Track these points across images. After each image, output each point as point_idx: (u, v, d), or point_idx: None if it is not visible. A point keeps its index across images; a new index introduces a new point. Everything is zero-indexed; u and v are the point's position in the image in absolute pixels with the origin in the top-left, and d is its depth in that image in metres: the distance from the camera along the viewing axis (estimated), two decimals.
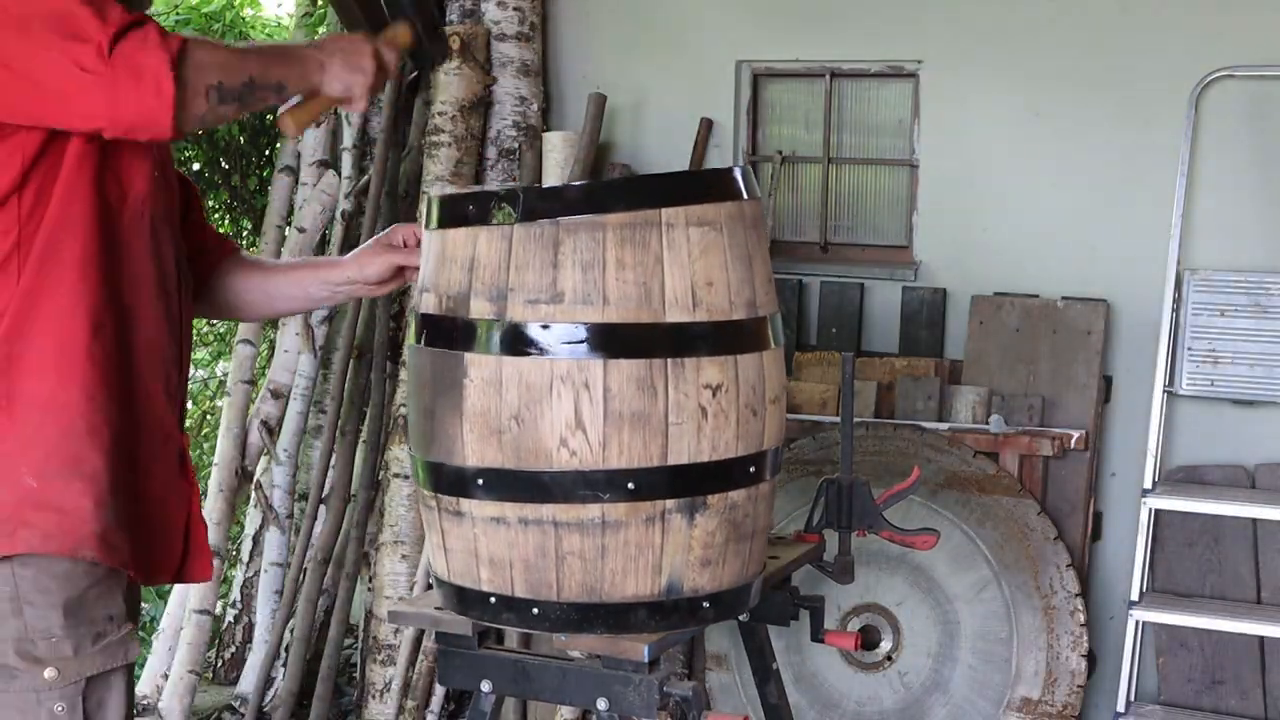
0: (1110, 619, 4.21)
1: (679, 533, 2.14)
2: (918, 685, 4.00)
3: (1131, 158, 4.12)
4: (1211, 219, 4.05)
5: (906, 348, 4.39)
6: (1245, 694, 3.97)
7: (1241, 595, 3.97)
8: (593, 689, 2.20)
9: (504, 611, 2.19)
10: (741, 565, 2.26)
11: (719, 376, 2.14)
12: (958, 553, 3.97)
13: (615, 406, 2.07)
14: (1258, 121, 3.98)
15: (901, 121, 4.48)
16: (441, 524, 2.24)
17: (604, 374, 2.07)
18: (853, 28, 4.45)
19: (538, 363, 2.08)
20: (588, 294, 2.07)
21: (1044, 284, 4.24)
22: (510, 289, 2.10)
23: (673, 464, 2.11)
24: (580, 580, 2.14)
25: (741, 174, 2.25)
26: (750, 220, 2.25)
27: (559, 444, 2.08)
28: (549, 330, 2.07)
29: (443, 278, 2.19)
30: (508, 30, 4.55)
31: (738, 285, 2.18)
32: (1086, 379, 4.11)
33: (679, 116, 4.62)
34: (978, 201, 4.32)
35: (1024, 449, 4.05)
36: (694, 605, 2.20)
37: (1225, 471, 4.02)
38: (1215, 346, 4.01)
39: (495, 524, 2.15)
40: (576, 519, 2.11)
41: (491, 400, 2.11)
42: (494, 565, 2.18)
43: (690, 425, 2.12)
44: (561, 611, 2.15)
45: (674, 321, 2.10)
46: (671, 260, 2.11)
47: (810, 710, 4.09)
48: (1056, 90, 4.19)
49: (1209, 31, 4.00)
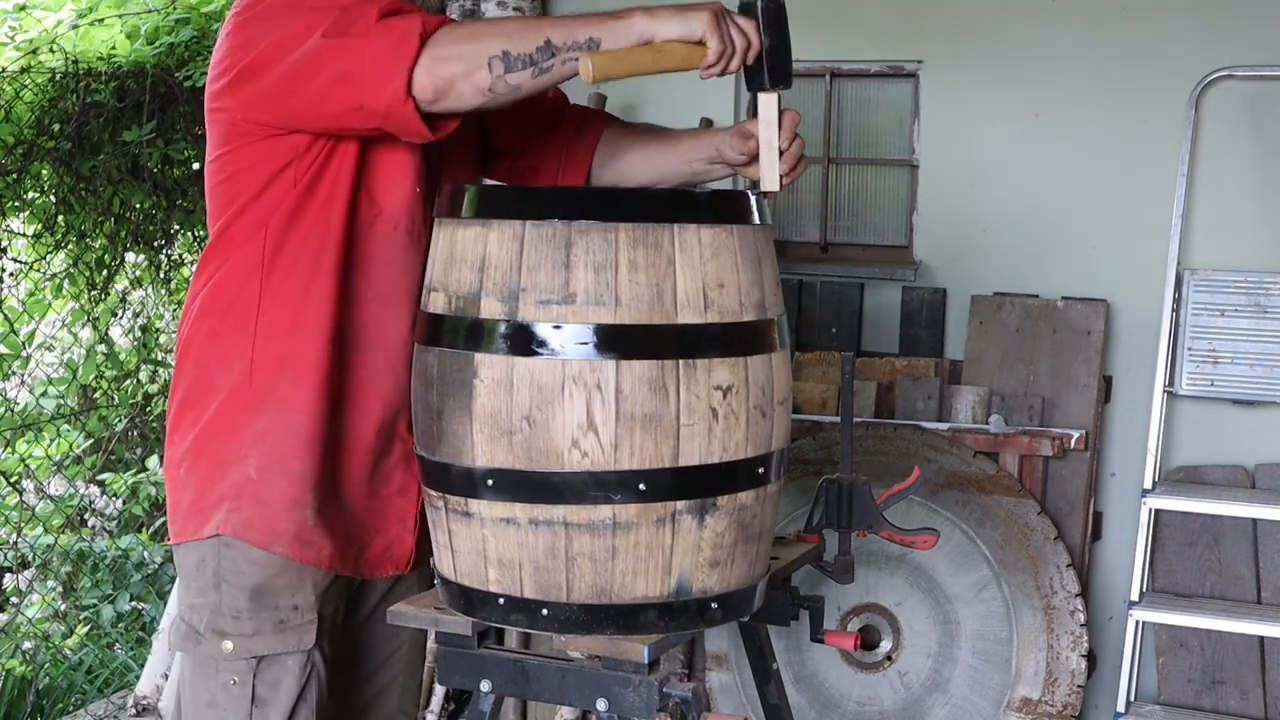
0: (1110, 619, 4.21)
1: (689, 534, 2.14)
2: (918, 685, 4.01)
3: (1131, 158, 4.13)
4: (1211, 219, 4.05)
5: (906, 348, 4.40)
6: (1245, 694, 3.97)
7: (1241, 595, 3.98)
8: (592, 689, 2.20)
9: (513, 612, 2.18)
10: (749, 566, 2.26)
11: (729, 378, 2.13)
12: (958, 553, 3.98)
13: (627, 408, 2.07)
14: (1258, 121, 3.99)
15: (901, 121, 4.49)
16: (449, 524, 2.24)
17: (616, 375, 2.07)
18: (853, 28, 4.45)
19: (549, 363, 2.08)
20: (600, 295, 2.07)
21: (1044, 284, 4.24)
22: (522, 289, 2.09)
23: (684, 465, 2.11)
24: (591, 581, 2.13)
25: (756, 200, 2.25)
26: None
27: (570, 445, 2.08)
28: (561, 331, 2.07)
29: (452, 277, 2.18)
30: None
31: (748, 287, 2.18)
32: (1086, 379, 4.12)
33: (679, 116, 4.60)
34: (978, 201, 4.32)
35: (1024, 449, 4.05)
36: (702, 606, 2.20)
37: (1225, 471, 4.02)
38: (1215, 346, 4.02)
39: (505, 525, 2.14)
40: (587, 520, 2.10)
41: (502, 401, 2.10)
42: (503, 566, 2.17)
43: (701, 426, 2.11)
44: (571, 613, 2.15)
45: (686, 323, 2.10)
46: (683, 262, 2.11)
47: (810, 710, 4.09)
48: (1056, 90, 4.20)
49: (1209, 31, 4.01)
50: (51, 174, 4.89)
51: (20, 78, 4.70)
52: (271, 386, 2.33)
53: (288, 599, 2.36)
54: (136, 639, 5.26)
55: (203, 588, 2.37)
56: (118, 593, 5.33)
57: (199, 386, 2.39)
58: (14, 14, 5.13)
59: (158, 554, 5.41)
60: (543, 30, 2.11)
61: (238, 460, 2.34)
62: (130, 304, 5.54)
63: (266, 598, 2.35)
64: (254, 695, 2.35)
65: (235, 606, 2.35)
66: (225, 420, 2.36)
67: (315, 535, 2.36)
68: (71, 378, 5.28)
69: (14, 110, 4.67)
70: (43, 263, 5.11)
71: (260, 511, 2.33)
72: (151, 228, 5.26)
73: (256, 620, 2.34)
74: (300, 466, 2.33)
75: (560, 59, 2.11)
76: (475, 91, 2.10)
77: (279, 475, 2.33)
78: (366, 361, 2.38)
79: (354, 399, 2.38)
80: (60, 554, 5.33)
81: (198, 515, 2.37)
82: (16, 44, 4.96)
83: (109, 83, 4.79)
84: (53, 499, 5.31)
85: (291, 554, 2.34)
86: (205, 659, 2.37)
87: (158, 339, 5.64)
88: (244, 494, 2.34)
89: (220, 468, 2.36)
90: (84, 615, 5.27)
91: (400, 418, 2.43)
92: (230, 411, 2.35)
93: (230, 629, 2.35)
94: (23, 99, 4.71)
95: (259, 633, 2.35)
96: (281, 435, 2.33)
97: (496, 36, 2.10)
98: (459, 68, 2.08)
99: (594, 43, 2.11)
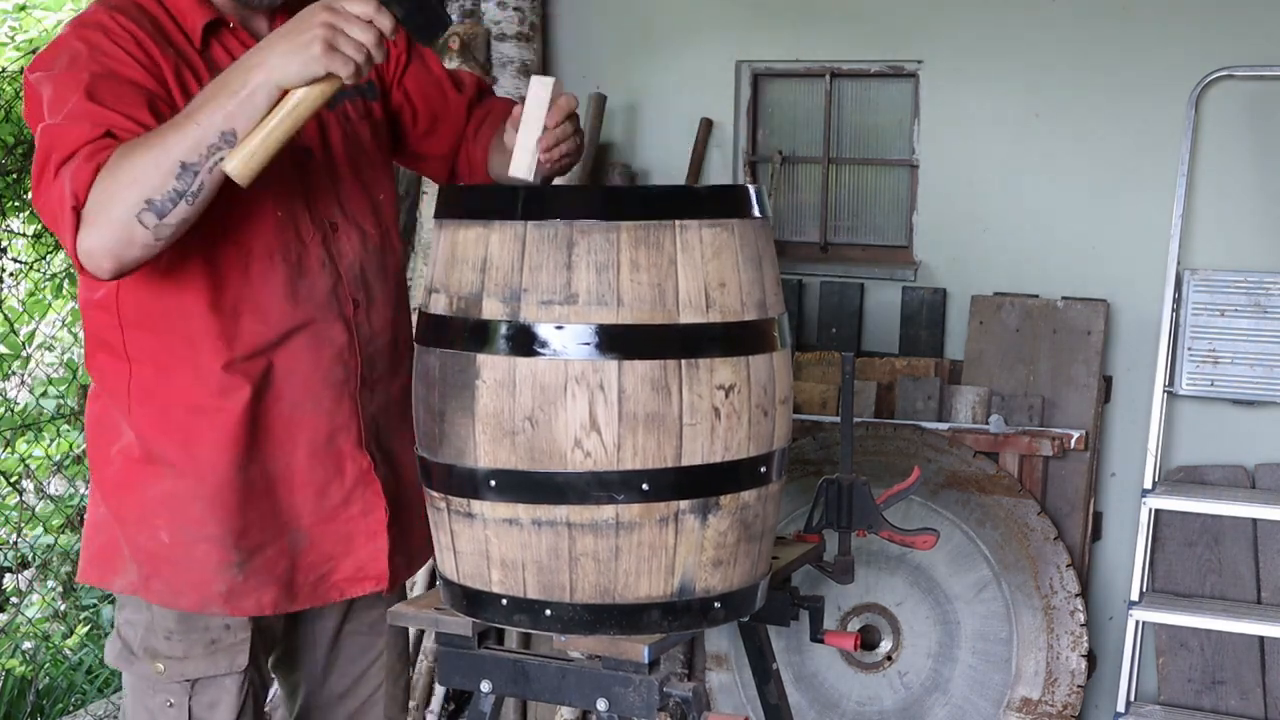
0: (1110, 619, 4.21)
1: (692, 533, 2.14)
2: (918, 685, 4.01)
3: (1131, 158, 4.13)
4: (1211, 219, 4.05)
5: (906, 348, 4.40)
6: (1245, 694, 3.97)
7: (1241, 595, 3.98)
8: (592, 689, 2.20)
9: (516, 613, 2.18)
10: (751, 565, 2.27)
11: (731, 377, 2.14)
12: (958, 553, 3.98)
13: (630, 407, 2.07)
14: (1258, 121, 3.99)
15: (901, 121, 4.49)
16: (451, 525, 2.24)
17: (618, 375, 2.07)
18: (853, 28, 4.45)
19: (552, 364, 2.08)
20: (602, 295, 2.07)
21: (1044, 284, 4.24)
22: (524, 290, 2.09)
23: (686, 465, 2.11)
24: (594, 582, 2.13)
25: (755, 193, 2.26)
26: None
27: (573, 445, 2.08)
28: (563, 331, 2.07)
29: (454, 278, 2.18)
30: (508, 30, 4.54)
31: (749, 286, 2.18)
32: (1086, 379, 4.12)
33: (679, 116, 4.62)
34: (978, 201, 4.33)
35: (1024, 449, 4.06)
36: (705, 605, 2.20)
37: (1225, 471, 4.03)
38: (1215, 346, 4.02)
39: (508, 525, 2.14)
40: (590, 520, 2.10)
41: (504, 401, 2.10)
42: (506, 567, 2.17)
43: (704, 426, 2.12)
44: (574, 613, 2.15)
45: (688, 323, 2.10)
46: (685, 261, 2.11)
47: (810, 710, 4.09)
48: (1056, 90, 4.20)
49: (1209, 31, 4.01)
50: None
51: (20, 78, 4.70)
52: (167, 456, 2.27)
53: (219, 621, 2.32)
54: None
55: (136, 605, 2.33)
56: None
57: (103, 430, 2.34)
58: (14, 14, 5.13)
59: None
60: (170, 154, 1.94)
61: (144, 521, 2.27)
62: None
63: (196, 619, 2.30)
64: (191, 716, 2.32)
65: (166, 627, 2.30)
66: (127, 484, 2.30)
67: (252, 586, 2.30)
68: (71, 378, 5.28)
69: (14, 110, 4.67)
70: (43, 263, 5.11)
71: (185, 577, 2.28)
72: None
73: (186, 642, 2.30)
74: (218, 529, 2.26)
75: (205, 172, 1.96)
76: (144, 248, 2.00)
77: (197, 542, 2.27)
78: (277, 401, 2.29)
79: (272, 440, 2.30)
80: (60, 554, 5.33)
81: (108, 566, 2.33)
82: (16, 44, 4.96)
83: None
84: (53, 499, 5.31)
85: (229, 610, 2.29)
86: (140, 678, 2.34)
87: None
88: (160, 560, 2.28)
89: (126, 525, 2.29)
90: (84, 615, 5.26)
91: (341, 439, 2.36)
92: (130, 475, 2.30)
93: (162, 649, 2.31)
94: (23, 99, 4.71)
95: (189, 656, 2.30)
96: (191, 501, 2.26)
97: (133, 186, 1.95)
98: (111, 237, 1.97)
99: (229, 136, 1.95)
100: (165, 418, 2.26)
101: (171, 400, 2.26)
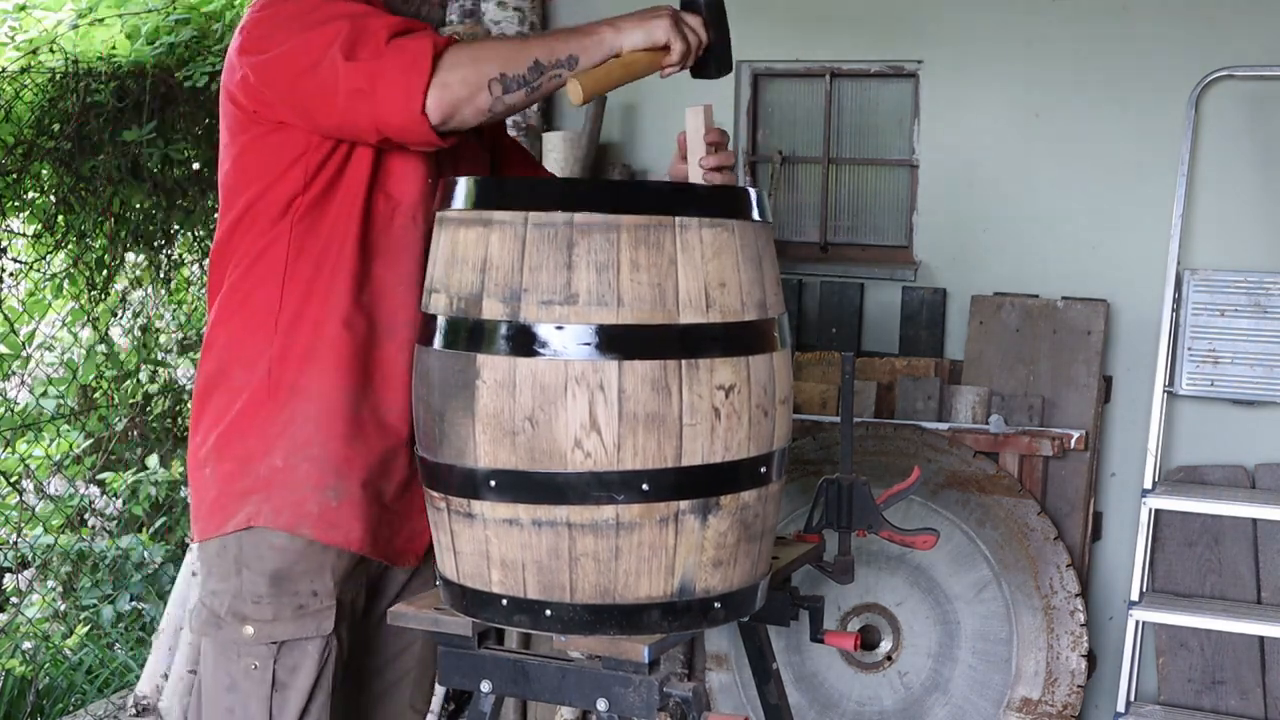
0: (1110, 619, 4.21)
1: (692, 533, 2.14)
2: (918, 685, 4.01)
3: (1131, 158, 4.13)
4: (1211, 219, 4.06)
5: (906, 348, 4.40)
6: (1245, 694, 3.97)
7: (1241, 595, 3.98)
8: (592, 689, 2.20)
9: (516, 613, 2.19)
10: (751, 565, 2.27)
11: (731, 377, 2.14)
12: (958, 553, 3.98)
13: (630, 408, 2.07)
14: (1258, 121, 3.99)
15: (901, 121, 4.49)
16: (451, 526, 2.24)
17: (619, 375, 2.07)
18: (853, 28, 4.45)
19: (552, 364, 2.08)
20: (602, 295, 2.07)
21: (1044, 284, 4.24)
22: (524, 290, 2.10)
23: (687, 465, 2.11)
24: (594, 582, 2.13)
25: (756, 196, 2.26)
26: None
27: (573, 445, 2.08)
28: (563, 331, 2.07)
29: (454, 278, 2.18)
30: (508, 30, 4.54)
31: (749, 286, 2.18)
32: (1086, 379, 4.12)
33: (679, 116, 4.61)
34: (978, 201, 4.33)
35: (1024, 449, 4.06)
36: (705, 605, 2.20)
37: (1225, 471, 4.03)
38: (1215, 346, 4.02)
39: (508, 526, 2.14)
40: (591, 520, 2.10)
41: (505, 402, 2.10)
42: (506, 567, 2.17)
43: (704, 426, 2.12)
44: (575, 613, 2.15)
45: (688, 323, 2.10)
46: (685, 261, 2.11)
47: (810, 710, 4.09)
48: (1056, 90, 4.20)
49: (1209, 31, 4.01)
50: (51, 174, 4.89)
51: (20, 78, 4.70)
52: (295, 380, 2.40)
53: (307, 584, 2.40)
54: (136, 639, 5.25)
55: (224, 574, 2.42)
56: (118, 593, 5.32)
57: (221, 385, 2.45)
58: (14, 14, 5.13)
59: (158, 554, 5.40)
60: (530, 51, 2.28)
61: (264, 455, 2.40)
62: (130, 304, 5.54)
63: (286, 583, 2.40)
64: (274, 679, 2.40)
65: (255, 592, 2.39)
66: (249, 418, 2.41)
67: (341, 517, 2.40)
68: (71, 378, 5.28)
69: (14, 110, 4.67)
70: (43, 263, 5.11)
71: (287, 497, 2.39)
72: (151, 228, 5.26)
73: (276, 605, 2.39)
74: (322, 451, 2.39)
75: (547, 76, 2.29)
76: (477, 113, 2.26)
77: (303, 461, 2.39)
78: (392, 351, 2.44)
79: (379, 389, 2.44)
80: (60, 554, 5.33)
81: (222, 512, 2.42)
82: (16, 44, 4.96)
83: (109, 83, 4.79)
84: (53, 499, 5.31)
85: (318, 535, 2.39)
86: (226, 644, 2.42)
87: (158, 339, 5.64)
88: (273, 484, 2.39)
89: (245, 464, 2.41)
90: (84, 615, 5.26)
91: None
92: (254, 409, 2.41)
93: (251, 614, 2.40)
94: (23, 99, 4.71)
95: (279, 618, 2.39)
96: (305, 423, 2.39)
97: (494, 60, 2.26)
98: (463, 92, 2.23)
99: (573, 60, 2.31)
100: (301, 342, 2.40)
101: (308, 326, 2.40)
